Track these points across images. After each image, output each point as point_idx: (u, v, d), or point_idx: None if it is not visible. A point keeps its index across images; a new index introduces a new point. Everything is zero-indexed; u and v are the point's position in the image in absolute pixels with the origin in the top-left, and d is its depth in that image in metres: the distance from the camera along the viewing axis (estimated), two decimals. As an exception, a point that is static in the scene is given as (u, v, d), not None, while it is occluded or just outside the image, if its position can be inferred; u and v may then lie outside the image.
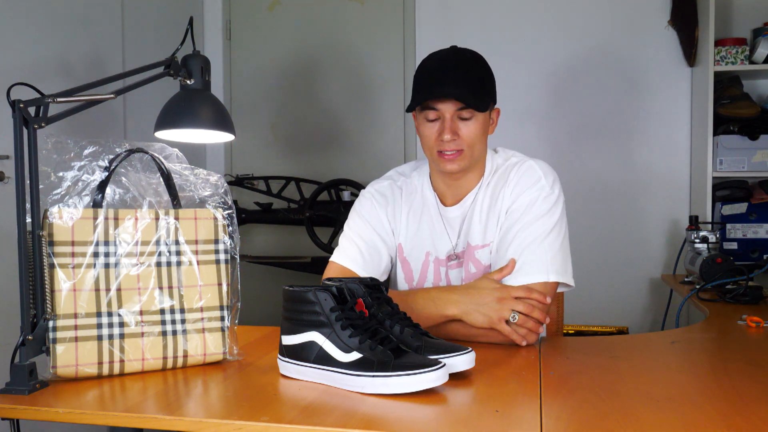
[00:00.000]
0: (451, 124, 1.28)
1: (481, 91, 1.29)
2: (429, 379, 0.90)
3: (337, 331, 0.96)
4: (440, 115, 1.29)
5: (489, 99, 1.32)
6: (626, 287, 2.92)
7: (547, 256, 1.25)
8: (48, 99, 1.00)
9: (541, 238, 1.26)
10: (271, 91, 3.31)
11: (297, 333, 1.00)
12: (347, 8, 3.20)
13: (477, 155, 1.33)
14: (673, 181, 2.87)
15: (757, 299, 1.74)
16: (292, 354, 1.01)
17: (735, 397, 0.90)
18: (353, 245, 1.40)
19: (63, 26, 2.32)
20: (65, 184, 1.02)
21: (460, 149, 1.29)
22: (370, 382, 0.91)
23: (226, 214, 1.13)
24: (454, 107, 1.27)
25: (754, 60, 2.55)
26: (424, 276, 1.42)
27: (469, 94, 1.26)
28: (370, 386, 0.91)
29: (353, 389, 0.93)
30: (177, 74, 1.33)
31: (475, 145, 1.31)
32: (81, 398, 0.92)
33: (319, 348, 0.97)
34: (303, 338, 0.99)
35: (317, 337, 0.98)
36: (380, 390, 0.91)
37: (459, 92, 1.26)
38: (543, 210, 1.29)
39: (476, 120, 1.29)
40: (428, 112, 1.30)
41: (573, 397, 0.93)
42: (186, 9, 3.19)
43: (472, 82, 1.28)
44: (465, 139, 1.29)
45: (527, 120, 3.01)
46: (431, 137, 1.31)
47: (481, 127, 1.31)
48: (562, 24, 2.96)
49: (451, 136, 1.28)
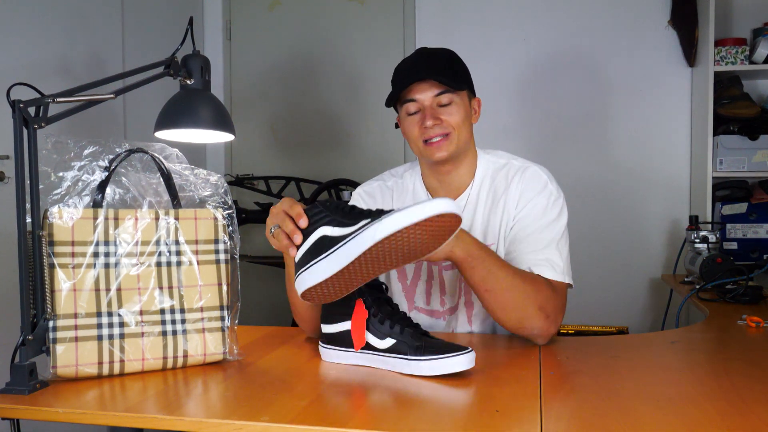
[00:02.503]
0: (432, 110, 1.30)
1: (454, 74, 1.32)
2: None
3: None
4: (420, 105, 1.31)
5: (463, 82, 1.33)
6: (626, 287, 2.92)
7: (562, 258, 1.28)
8: (48, 99, 1.00)
9: (555, 241, 1.28)
10: (271, 91, 3.31)
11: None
12: (347, 8, 3.20)
13: (464, 141, 1.34)
14: (673, 181, 2.87)
15: (757, 299, 1.74)
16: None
17: (735, 397, 0.90)
18: None
19: (63, 26, 2.32)
20: (65, 184, 1.02)
21: (445, 133, 1.30)
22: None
23: (226, 214, 1.13)
24: (430, 93, 1.30)
25: (754, 60, 2.55)
26: (417, 276, 1.42)
27: (442, 75, 1.29)
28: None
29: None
30: (177, 74, 1.33)
31: (460, 128, 1.32)
32: (81, 398, 0.92)
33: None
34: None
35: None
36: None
37: (430, 75, 1.29)
38: (554, 214, 1.31)
39: (456, 105, 1.31)
40: (408, 105, 1.32)
41: (573, 397, 0.93)
42: (186, 9, 3.19)
43: (443, 66, 1.32)
44: (449, 123, 1.31)
45: (527, 119, 3.01)
46: (415, 129, 1.32)
47: (463, 112, 1.32)
48: (563, 24, 2.96)
49: (433, 122, 1.29)
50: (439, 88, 1.30)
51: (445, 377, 0.98)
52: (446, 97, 1.30)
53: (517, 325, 1.18)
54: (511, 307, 1.16)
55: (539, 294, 1.18)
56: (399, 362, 1.02)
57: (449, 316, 1.41)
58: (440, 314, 1.41)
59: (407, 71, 1.33)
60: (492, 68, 3.00)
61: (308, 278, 0.98)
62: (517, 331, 1.20)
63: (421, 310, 1.42)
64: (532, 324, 1.17)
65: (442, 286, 1.40)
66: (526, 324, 1.18)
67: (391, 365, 1.03)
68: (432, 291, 1.41)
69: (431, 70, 1.30)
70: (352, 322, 1.06)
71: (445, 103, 1.31)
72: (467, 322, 1.39)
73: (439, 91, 1.30)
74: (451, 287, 1.40)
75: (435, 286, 1.41)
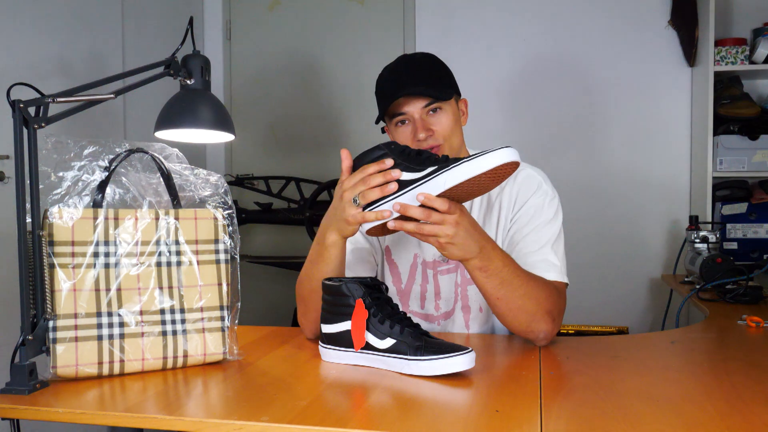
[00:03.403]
0: (422, 122, 1.30)
1: (438, 82, 1.32)
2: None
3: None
4: (409, 117, 1.31)
5: (449, 88, 1.33)
6: (626, 287, 2.92)
7: (559, 258, 1.28)
8: (48, 99, 1.00)
9: (552, 241, 1.29)
10: (271, 91, 3.31)
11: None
12: (347, 8, 3.20)
13: (456, 147, 1.34)
14: (673, 181, 2.87)
15: (757, 299, 1.74)
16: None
17: (735, 397, 0.90)
18: None
19: (63, 26, 2.32)
20: (65, 184, 1.02)
21: (437, 144, 1.31)
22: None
23: (226, 214, 1.13)
24: (419, 105, 1.30)
25: (754, 60, 2.55)
26: (412, 278, 1.42)
27: (427, 87, 1.29)
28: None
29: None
30: (177, 74, 1.33)
31: (451, 137, 1.32)
32: (81, 398, 0.92)
33: None
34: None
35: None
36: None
37: (417, 89, 1.29)
38: (550, 214, 1.31)
39: (445, 112, 1.31)
40: (397, 117, 1.32)
41: (573, 397, 0.93)
42: (186, 9, 3.19)
43: (425, 76, 1.32)
44: (440, 133, 1.30)
45: (528, 119, 3.01)
46: (407, 141, 1.32)
47: (452, 118, 1.32)
48: (563, 24, 2.96)
49: (425, 134, 1.29)
50: (426, 100, 1.29)
51: (445, 377, 0.98)
52: (434, 105, 1.30)
53: (526, 329, 1.18)
54: (522, 313, 1.16)
55: (549, 300, 1.18)
56: (399, 362, 1.02)
57: (444, 321, 1.40)
58: (434, 318, 1.41)
59: (392, 84, 1.32)
60: (491, 68, 3.00)
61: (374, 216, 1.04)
62: (522, 334, 1.20)
63: (415, 314, 1.42)
64: (539, 328, 1.17)
65: (437, 290, 1.40)
66: (534, 328, 1.17)
67: (391, 365, 1.03)
68: (426, 295, 1.41)
69: (417, 84, 1.29)
70: (352, 322, 1.06)
71: (433, 110, 1.31)
72: (464, 326, 1.39)
73: (426, 102, 1.29)
74: (446, 292, 1.39)
75: (430, 290, 1.40)
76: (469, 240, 1.05)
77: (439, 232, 1.02)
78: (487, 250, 1.09)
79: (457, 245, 1.04)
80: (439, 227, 1.02)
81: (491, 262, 1.10)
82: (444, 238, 1.02)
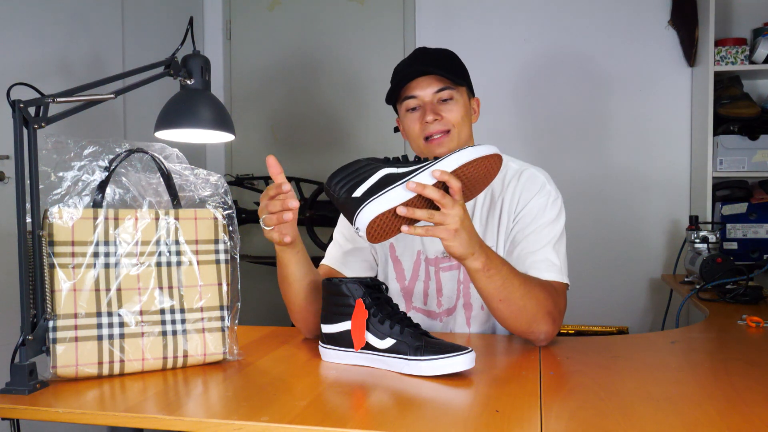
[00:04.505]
0: (432, 106, 1.32)
1: (454, 69, 1.34)
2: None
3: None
4: (420, 102, 1.33)
5: (462, 78, 1.35)
6: (626, 287, 2.92)
7: (560, 259, 1.28)
8: (48, 99, 1.00)
9: (554, 241, 1.29)
10: (271, 92, 3.31)
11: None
12: (347, 8, 3.20)
13: (464, 139, 1.35)
14: (673, 181, 2.87)
15: (757, 299, 1.74)
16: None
17: (735, 397, 0.90)
18: (336, 245, 1.44)
19: (63, 26, 2.32)
20: (65, 184, 1.02)
21: (446, 129, 1.32)
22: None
23: (226, 214, 1.13)
24: (431, 90, 1.31)
25: (754, 60, 2.55)
26: (416, 275, 1.42)
27: (442, 69, 1.31)
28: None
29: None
30: (177, 74, 1.33)
31: (460, 126, 1.33)
32: (81, 398, 0.92)
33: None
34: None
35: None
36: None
37: (430, 69, 1.31)
38: (552, 215, 1.31)
39: (456, 102, 1.33)
40: (408, 101, 1.34)
41: (573, 397, 0.93)
42: (186, 9, 3.19)
43: (442, 62, 1.34)
44: (449, 120, 1.32)
45: (528, 119, 3.01)
46: (415, 126, 1.34)
47: (462, 110, 1.34)
48: (563, 24, 2.96)
49: (434, 116, 1.31)
50: (439, 84, 1.31)
51: (445, 377, 0.98)
52: (446, 93, 1.32)
53: (526, 330, 1.18)
54: (523, 315, 1.16)
55: (549, 300, 1.18)
56: (399, 362, 1.02)
57: (446, 318, 1.40)
58: (437, 315, 1.41)
59: (407, 67, 1.34)
60: (492, 68, 3.00)
61: (375, 208, 1.02)
62: (523, 335, 1.20)
63: (418, 310, 1.43)
64: (539, 329, 1.17)
65: (438, 287, 1.40)
66: (534, 329, 1.18)
67: (391, 365, 1.03)
68: (429, 291, 1.41)
69: (431, 66, 1.31)
70: (352, 322, 1.06)
71: (445, 99, 1.32)
72: (465, 324, 1.39)
73: (439, 87, 1.31)
74: (448, 289, 1.39)
75: (432, 287, 1.41)
76: (473, 234, 1.06)
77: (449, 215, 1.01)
78: (485, 248, 1.10)
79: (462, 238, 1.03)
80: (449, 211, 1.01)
81: (492, 260, 1.10)
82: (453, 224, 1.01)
